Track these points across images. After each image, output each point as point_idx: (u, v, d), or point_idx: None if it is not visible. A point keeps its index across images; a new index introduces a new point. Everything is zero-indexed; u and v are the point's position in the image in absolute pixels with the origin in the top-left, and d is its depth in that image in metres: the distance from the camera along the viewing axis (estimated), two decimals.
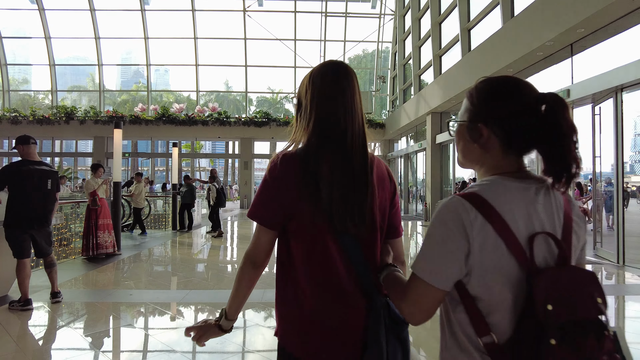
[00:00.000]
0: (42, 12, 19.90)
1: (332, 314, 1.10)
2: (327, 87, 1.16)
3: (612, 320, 3.91)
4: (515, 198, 0.86)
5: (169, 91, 25.62)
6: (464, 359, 0.88)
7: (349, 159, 1.11)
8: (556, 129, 0.86)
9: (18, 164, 4.05)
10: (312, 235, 1.10)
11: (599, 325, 0.79)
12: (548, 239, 0.85)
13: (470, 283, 0.86)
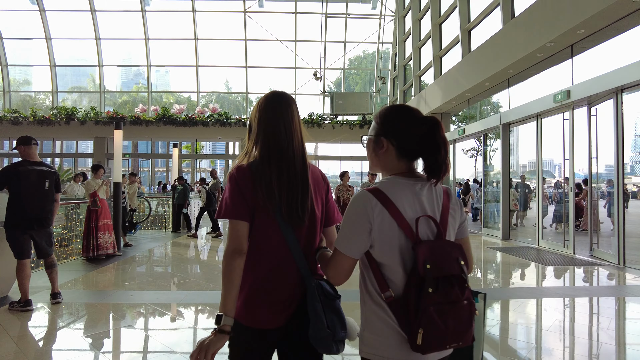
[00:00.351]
0: (43, 13, 19.93)
1: (273, 291, 1.40)
2: (271, 113, 1.49)
3: (613, 321, 3.91)
4: (405, 191, 1.22)
5: (170, 92, 25.64)
6: (375, 308, 1.23)
7: (291, 168, 1.44)
8: (433, 143, 1.22)
9: (17, 165, 4.05)
10: (262, 227, 1.40)
11: (461, 279, 1.19)
12: (429, 220, 1.21)
13: (374, 252, 1.20)
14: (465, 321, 1.17)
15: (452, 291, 1.15)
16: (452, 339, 1.14)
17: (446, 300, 1.13)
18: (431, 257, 1.13)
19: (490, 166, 11.26)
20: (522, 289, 5.26)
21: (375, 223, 1.17)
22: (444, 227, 1.24)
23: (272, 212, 1.39)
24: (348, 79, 25.32)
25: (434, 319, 1.10)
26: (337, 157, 21.54)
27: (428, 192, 1.25)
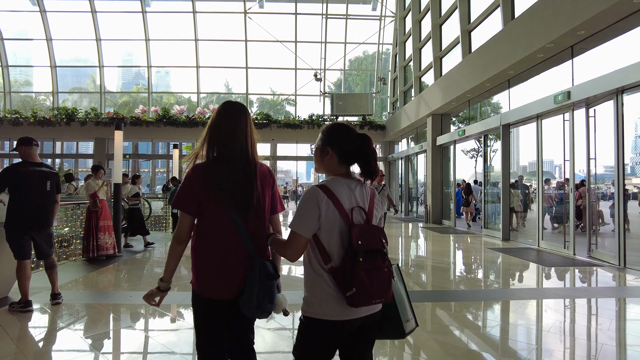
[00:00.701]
0: (44, 13, 19.96)
1: (223, 268, 1.73)
2: (225, 120, 1.81)
3: (613, 322, 3.90)
4: (344, 188, 1.62)
5: (170, 93, 25.65)
6: (317, 278, 1.59)
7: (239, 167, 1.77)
8: (366, 153, 1.65)
9: (18, 166, 4.05)
10: (214, 216, 1.73)
11: (383, 253, 1.58)
12: (360, 210, 1.63)
13: (320, 233, 1.57)
14: (386, 283, 1.57)
15: (376, 260, 1.55)
16: (377, 295, 1.54)
17: (373, 266, 1.54)
18: (362, 236, 1.54)
19: (491, 167, 11.26)
20: (522, 290, 5.26)
21: (323, 210, 1.56)
22: (370, 216, 1.67)
23: (223, 204, 1.72)
24: (348, 79, 25.32)
25: (364, 280, 1.50)
26: None
27: (360, 189, 1.68)
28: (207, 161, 1.77)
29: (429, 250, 8.66)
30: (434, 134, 13.80)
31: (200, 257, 1.76)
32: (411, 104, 15.84)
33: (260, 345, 3.28)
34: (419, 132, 16.46)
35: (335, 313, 1.55)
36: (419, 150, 15.64)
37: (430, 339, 3.42)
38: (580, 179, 9.05)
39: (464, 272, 6.57)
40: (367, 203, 1.67)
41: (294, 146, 21.16)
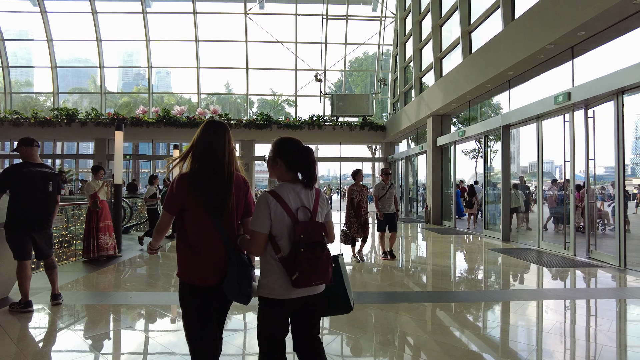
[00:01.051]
0: (44, 14, 19.98)
1: (205, 258, 2.07)
2: (207, 136, 2.13)
3: (614, 324, 3.90)
4: (290, 192, 1.97)
5: (170, 93, 25.66)
6: (269, 265, 1.95)
7: (219, 177, 2.10)
8: (307, 162, 2.01)
9: (20, 166, 4.05)
10: (197, 216, 2.07)
11: (322, 244, 1.92)
12: (305, 209, 1.97)
13: (272, 229, 1.92)
14: (325, 268, 1.93)
15: (316, 250, 1.90)
16: (316, 279, 1.91)
17: (313, 256, 1.89)
18: (304, 231, 1.90)
19: (491, 168, 11.25)
20: (522, 291, 5.25)
21: (272, 211, 1.92)
22: (314, 214, 2.00)
23: (203, 207, 2.06)
24: (348, 80, 25.33)
25: (305, 266, 1.86)
26: (337, 158, 21.53)
27: (305, 192, 2.02)
28: (191, 171, 2.11)
29: (429, 251, 8.65)
30: (434, 135, 13.80)
31: (185, 250, 2.09)
32: (411, 105, 15.84)
33: (256, 347, 3.28)
34: (419, 132, 16.46)
35: (282, 293, 1.93)
36: (419, 151, 15.64)
37: (431, 340, 3.42)
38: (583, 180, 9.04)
39: (464, 273, 6.56)
40: (312, 203, 2.02)
41: None
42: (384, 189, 7.11)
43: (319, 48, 20.58)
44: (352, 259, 6.97)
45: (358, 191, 6.95)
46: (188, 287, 2.08)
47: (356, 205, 6.89)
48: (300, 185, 2.02)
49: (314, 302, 2.02)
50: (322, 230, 1.96)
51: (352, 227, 6.82)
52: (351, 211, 6.90)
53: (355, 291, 5.01)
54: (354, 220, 6.85)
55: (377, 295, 4.87)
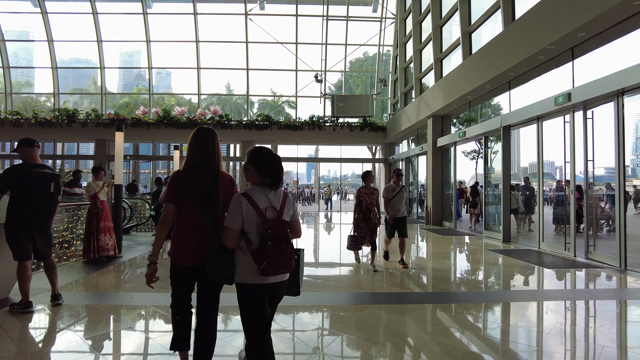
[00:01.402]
0: (45, 15, 20.00)
1: (192, 243, 2.47)
2: (197, 140, 2.54)
3: (614, 325, 3.90)
4: (260, 194, 2.28)
5: (171, 94, 25.68)
6: (242, 256, 2.27)
7: (207, 175, 2.50)
8: (274, 168, 2.31)
9: (21, 167, 4.05)
10: (188, 208, 2.46)
11: (287, 238, 2.25)
12: (273, 209, 2.26)
13: (245, 225, 2.22)
14: (288, 259, 2.26)
15: (281, 244, 2.22)
16: (281, 267, 2.23)
17: (278, 248, 2.20)
18: (271, 227, 2.22)
19: (491, 168, 11.25)
20: (523, 292, 5.25)
21: (244, 210, 2.24)
22: (281, 213, 2.32)
23: (193, 200, 2.45)
24: (349, 81, 25.33)
25: (271, 257, 2.18)
26: (337, 159, 21.52)
27: (273, 194, 2.35)
28: (184, 169, 2.52)
29: (430, 252, 8.65)
30: (434, 136, 13.80)
31: (178, 235, 2.50)
32: (412, 106, 15.84)
33: None
34: (419, 133, 16.46)
35: (253, 279, 2.27)
36: (419, 151, 15.64)
37: (431, 341, 3.41)
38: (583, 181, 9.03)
39: (464, 273, 6.56)
40: (279, 204, 2.34)
41: (295, 147, 21.17)
42: (394, 191, 6.63)
43: (319, 49, 20.60)
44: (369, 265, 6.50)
45: (368, 194, 6.46)
46: (174, 265, 2.55)
47: (365, 208, 6.44)
48: (268, 189, 2.34)
49: (278, 289, 2.37)
50: (287, 227, 2.29)
51: (361, 232, 6.43)
52: (359, 215, 6.46)
53: (355, 292, 5.01)
54: (362, 225, 6.43)
55: (377, 296, 4.87)
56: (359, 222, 6.44)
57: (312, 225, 14.29)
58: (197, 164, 2.51)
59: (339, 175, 31.32)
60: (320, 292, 4.98)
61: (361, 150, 27.33)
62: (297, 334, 3.62)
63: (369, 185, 6.54)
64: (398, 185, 6.68)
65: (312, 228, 13.54)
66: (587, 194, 7.27)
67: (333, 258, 7.70)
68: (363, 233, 6.41)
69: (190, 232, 2.47)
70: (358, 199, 6.51)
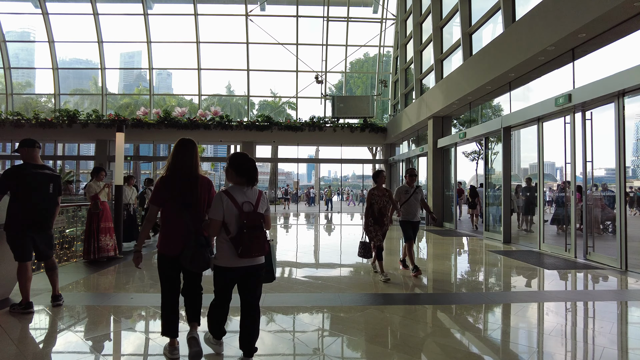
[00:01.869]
0: (46, 16, 20.04)
1: (174, 238, 2.94)
2: (177, 149, 3.03)
3: (615, 326, 3.89)
4: (239, 191, 2.83)
5: (171, 95, 25.70)
6: (222, 243, 2.79)
7: (185, 179, 2.99)
8: (248, 169, 2.84)
9: (22, 168, 4.05)
10: (171, 207, 2.95)
11: (261, 227, 2.79)
12: (249, 203, 2.80)
13: (225, 218, 2.75)
14: (262, 244, 2.77)
15: (255, 231, 2.73)
16: (255, 251, 2.74)
17: (253, 235, 2.71)
18: (247, 218, 2.73)
19: (492, 169, 11.25)
20: (523, 293, 5.24)
21: (225, 204, 2.75)
22: (256, 207, 2.82)
23: (175, 201, 2.96)
24: (349, 82, 25.33)
25: (247, 243, 2.69)
26: (338, 160, 21.52)
27: (250, 191, 2.87)
28: (167, 175, 3.03)
29: (430, 253, 8.64)
30: (435, 137, 13.80)
31: (164, 231, 3.01)
32: (412, 107, 15.84)
33: (260, 348, 3.28)
34: (420, 134, 16.46)
35: (229, 263, 2.78)
36: (420, 152, 15.64)
37: (432, 342, 3.41)
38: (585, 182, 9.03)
39: (465, 274, 6.55)
40: (255, 199, 2.86)
41: (295, 148, 21.18)
42: (407, 193, 6.08)
43: (319, 50, 20.62)
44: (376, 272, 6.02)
45: (379, 196, 5.80)
46: (161, 256, 3.04)
47: (377, 212, 5.79)
48: (245, 187, 2.87)
49: (252, 272, 2.85)
50: (261, 218, 2.81)
51: (375, 237, 5.77)
52: (370, 219, 5.83)
53: (355, 293, 5.01)
54: (376, 228, 5.80)
55: (378, 297, 4.86)
56: (369, 226, 5.81)
57: (313, 227, 14.28)
58: (177, 170, 3.01)
59: (340, 176, 31.30)
60: (321, 293, 4.98)
61: (361, 151, 27.30)
62: (298, 334, 3.62)
63: (381, 186, 5.88)
64: (412, 186, 6.14)
65: (312, 229, 13.54)
66: (586, 195, 7.27)
67: (334, 259, 7.69)
68: (380, 237, 5.79)
69: (173, 229, 2.97)
70: (369, 201, 5.86)
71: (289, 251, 8.53)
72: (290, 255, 8.04)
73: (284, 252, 8.16)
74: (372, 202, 5.83)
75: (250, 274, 2.83)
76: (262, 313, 4.11)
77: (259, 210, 2.82)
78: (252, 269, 2.82)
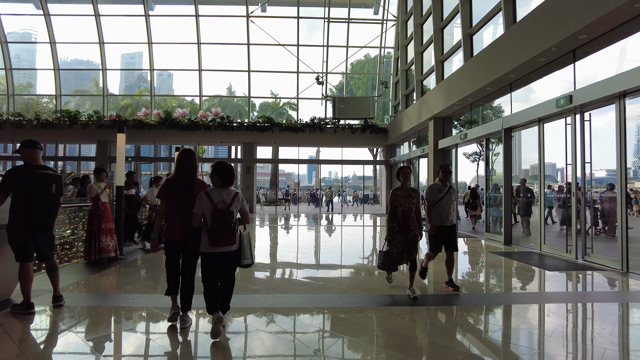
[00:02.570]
0: (48, 17, 20.09)
1: (175, 227, 3.72)
2: (181, 157, 3.84)
3: (616, 327, 3.89)
4: (216, 192, 3.55)
5: (172, 96, 25.72)
6: (203, 234, 3.52)
7: (185, 182, 3.78)
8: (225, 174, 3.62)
9: (23, 168, 4.05)
10: (173, 203, 3.74)
11: (229, 223, 3.47)
12: (223, 202, 3.50)
13: (204, 213, 3.50)
14: (228, 236, 3.44)
15: (223, 226, 3.41)
16: (222, 242, 3.42)
17: (220, 228, 3.41)
18: (217, 214, 3.41)
19: (493, 170, 11.24)
20: (524, 294, 5.23)
21: (204, 202, 3.46)
22: (229, 206, 3.48)
23: (175, 197, 3.69)
24: (350, 83, 25.34)
25: (216, 234, 3.40)
26: (338, 161, 21.52)
27: (226, 192, 3.54)
28: (172, 177, 3.81)
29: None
30: (435, 138, 13.80)
31: (168, 221, 3.75)
32: (413, 108, 15.85)
33: (259, 349, 3.28)
34: (420, 135, 16.46)
35: (206, 249, 3.48)
36: (420, 153, 15.63)
37: (433, 343, 3.41)
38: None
39: (465, 276, 6.55)
40: (229, 199, 3.51)
41: (296, 149, 21.19)
42: (440, 192, 5.21)
43: (320, 51, 20.64)
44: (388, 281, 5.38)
45: (404, 197, 4.88)
46: (167, 241, 3.77)
47: (401, 216, 4.86)
48: (223, 188, 3.57)
49: (225, 258, 3.52)
50: (229, 216, 3.46)
51: (397, 246, 4.88)
52: (394, 224, 4.91)
53: (356, 294, 5.00)
54: (399, 237, 4.88)
55: (379, 298, 4.86)
56: (392, 232, 4.91)
57: (313, 228, 14.28)
58: (182, 173, 3.79)
59: (340, 177, 31.26)
60: (322, 294, 4.97)
61: (362, 152, 27.25)
62: (298, 335, 3.62)
63: (406, 186, 4.94)
64: (445, 185, 5.26)
65: (312, 230, 13.54)
66: (585, 196, 7.26)
67: (334, 260, 7.69)
68: (400, 248, 4.88)
69: (174, 220, 3.73)
70: (392, 203, 4.93)
71: (289, 252, 8.52)
72: (290, 256, 8.03)
73: (284, 254, 8.16)
74: (395, 204, 4.91)
75: (224, 260, 3.52)
76: (264, 314, 4.12)
77: (232, 209, 3.49)
78: (225, 255, 3.51)
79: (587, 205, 7.33)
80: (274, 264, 7.15)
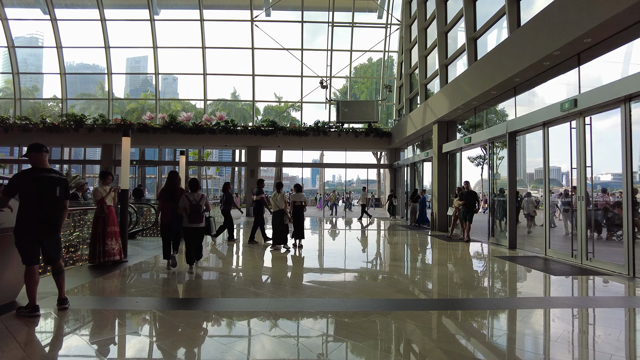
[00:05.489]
0: (54, 22, 20.31)
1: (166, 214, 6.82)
2: (170, 176, 7.08)
3: (623, 333, 3.85)
4: (192, 195, 6.61)
5: (177, 100, 25.88)
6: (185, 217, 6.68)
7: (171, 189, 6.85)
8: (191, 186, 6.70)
9: (29, 172, 4.10)
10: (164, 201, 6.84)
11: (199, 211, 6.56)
12: (195, 200, 6.55)
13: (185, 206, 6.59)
14: (199, 218, 6.56)
15: (194, 213, 6.49)
16: (194, 221, 6.53)
17: (193, 214, 6.49)
18: (191, 207, 6.48)
19: (497, 174, 11.20)
20: (529, 299, 5.20)
21: (185, 201, 6.48)
22: (199, 202, 6.53)
23: (167, 199, 6.78)
24: (354, 87, 25.39)
25: (191, 216, 6.50)
26: (342, 164, 21.53)
27: (196, 194, 6.57)
28: (164, 188, 6.90)
29: (435, 259, 8.60)
30: (439, 141, 13.78)
31: (161, 212, 6.79)
32: (417, 111, 15.84)
33: (260, 353, 3.28)
34: (424, 139, 16.44)
35: (187, 225, 6.55)
36: (424, 157, 15.61)
37: (436, 348, 3.39)
38: None
39: (470, 280, 6.51)
40: (198, 199, 6.47)
41: (300, 153, 21.23)
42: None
43: (324, 55, 20.71)
44: None
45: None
46: (162, 223, 6.76)
47: None
48: (197, 193, 6.50)
49: (195, 231, 6.57)
50: (199, 207, 6.41)
51: None
52: None
53: (360, 298, 4.99)
54: None
55: (382, 302, 4.85)
56: None
57: (317, 232, 14.27)
58: (169, 186, 6.74)
59: (344, 181, 31.29)
60: (325, 298, 4.97)
61: (366, 156, 27.24)
62: (302, 340, 3.61)
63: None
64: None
65: (316, 234, 13.53)
66: (587, 200, 7.21)
67: (338, 264, 7.68)
68: None
69: (165, 210, 6.63)
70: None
71: (290, 253, 8.52)
72: (296, 259, 8.03)
73: (284, 255, 8.15)
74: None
75: (196, 232, 6.56)
76: (267, 318, 4.12)
77: (200, 203, 6.43)
78: (197, 229, 6.56)
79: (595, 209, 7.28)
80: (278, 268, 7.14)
